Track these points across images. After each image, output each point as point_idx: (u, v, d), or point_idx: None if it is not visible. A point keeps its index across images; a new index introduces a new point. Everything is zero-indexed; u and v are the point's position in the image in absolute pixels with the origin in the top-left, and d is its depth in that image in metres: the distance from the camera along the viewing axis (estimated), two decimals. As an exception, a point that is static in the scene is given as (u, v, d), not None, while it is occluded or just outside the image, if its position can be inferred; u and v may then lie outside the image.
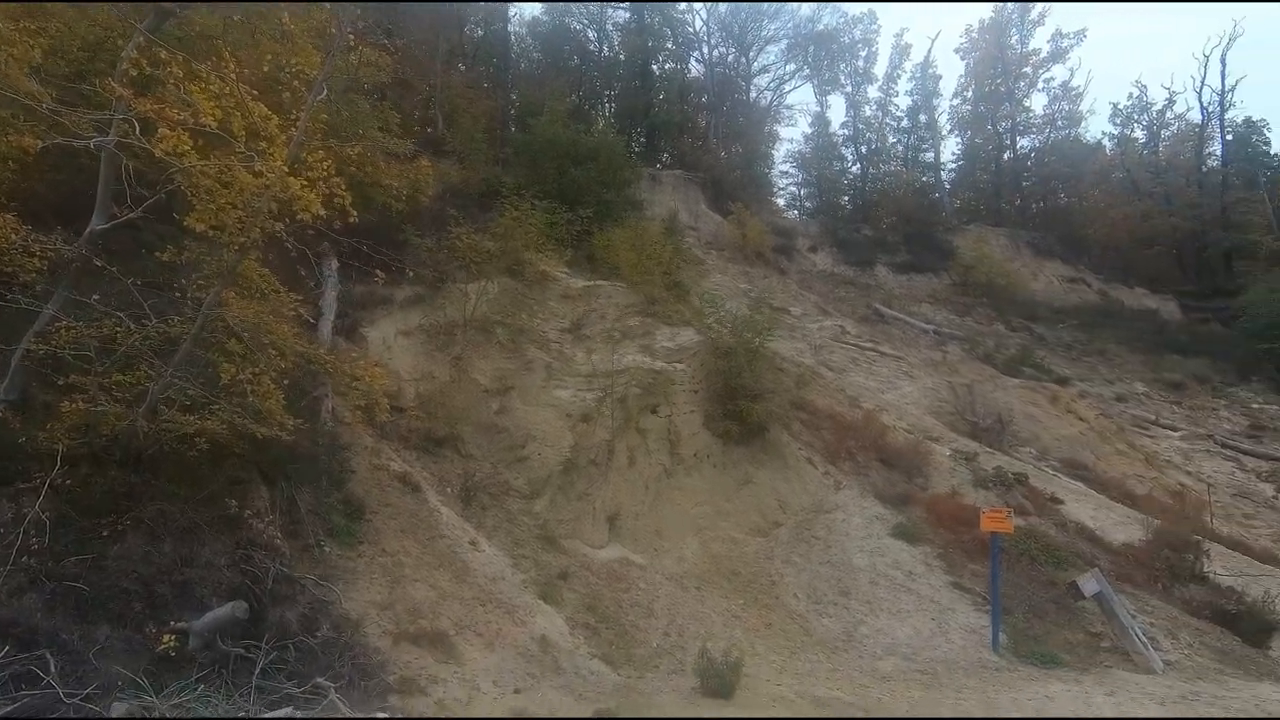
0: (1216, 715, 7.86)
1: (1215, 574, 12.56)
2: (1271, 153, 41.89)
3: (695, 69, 37.75)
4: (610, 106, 33.69)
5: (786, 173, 43.85)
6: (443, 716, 6.11)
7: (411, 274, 13.39)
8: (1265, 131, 41.50)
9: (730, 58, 39.20)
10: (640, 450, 11.94)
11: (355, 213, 7.92)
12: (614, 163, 20.21)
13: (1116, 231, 36.48)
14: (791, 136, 58.97)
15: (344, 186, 7.44)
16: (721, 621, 9.22)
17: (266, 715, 5.70)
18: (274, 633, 6.52)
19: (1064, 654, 9.62)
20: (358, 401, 8.96)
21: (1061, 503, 14.35)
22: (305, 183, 6.63)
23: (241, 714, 5.71)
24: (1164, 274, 36.06)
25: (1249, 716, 5.58)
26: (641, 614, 9.01)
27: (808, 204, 42.73)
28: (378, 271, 10.33)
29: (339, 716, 5.79)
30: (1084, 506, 14.61)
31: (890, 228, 35.47)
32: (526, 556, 9.43)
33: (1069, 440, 18.36)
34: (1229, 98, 37.75)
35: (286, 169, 6.55)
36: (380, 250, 10.59)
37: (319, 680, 6.18)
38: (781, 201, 41.66)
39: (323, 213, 6.90)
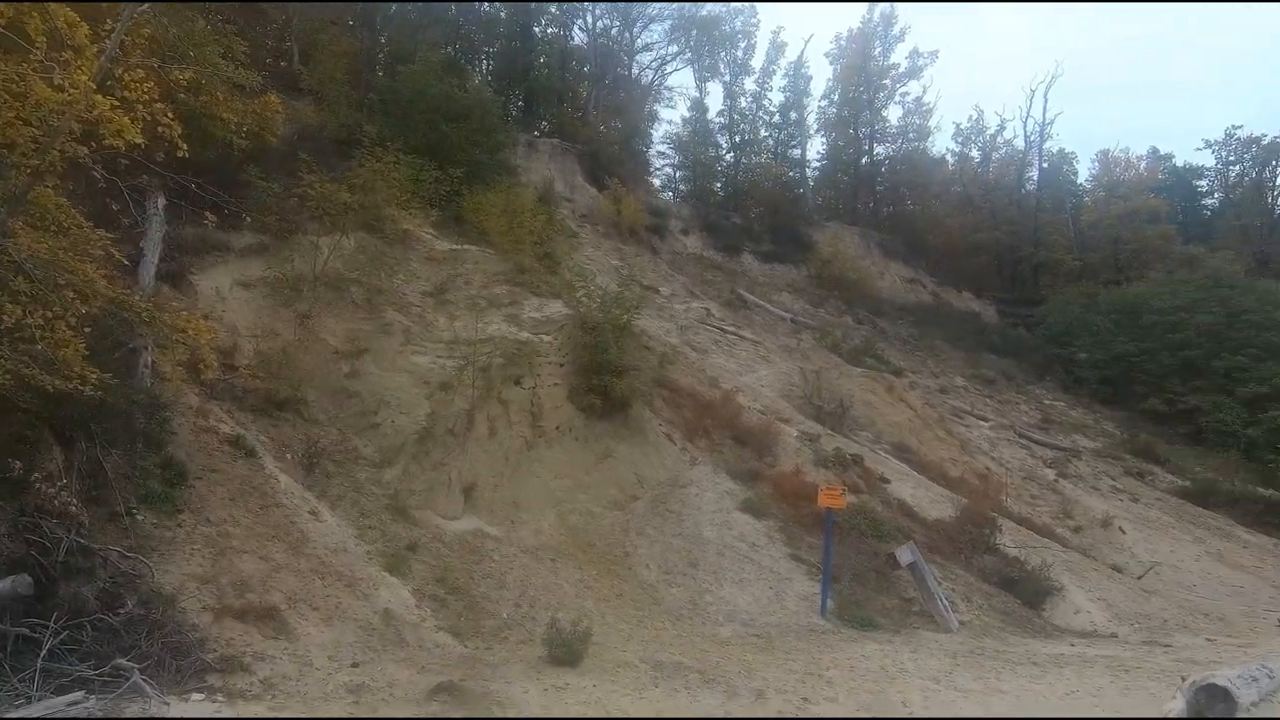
0: (1004, 668, 9.03)
1: (1004, 546, 14.37)
2: (1078, 182, 48.02)
3: (578, 37, 37.15)
4: (487, 65, 32.39)
5: (663, 154, 44.42)
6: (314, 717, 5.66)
7: (250, 220, 12.20)
8: (1074, 163, 47.51)
9: (615, 30, 38.89)
10: (501, 421, 11.72)
11: (186, 146, 7.09)
12: (489, 123, 19.48)
13: (951, 240, 40.37)
14: (670, 118, 59.58)
15: (172, 115, 6.61)
16: (574, 592, 9.31)
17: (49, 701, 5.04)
18: (65, 610, 5.78)
19: (880, 618, 10.63)
20: (181, 357, 8.07)
21: (889, 482, 15.78)
22: (118, 104, 5.78)
23: (21, 701, 5.02)
24: (987, 281, 40.36)
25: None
26: (493, 586, 8.90)
27: (682, 187, 43.55)
28: (207, 213, 9.30)
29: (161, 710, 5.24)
30: (906, 486, 16.16)
31: (758, 218, 36.99)
32: (373, 527, 9.00)
33: (899, 426, 20.18)
34: (1048, 130, 42.71)
35: (95, 86, 5.68)
36: (215, 191, 9.52)
37: (120, 661, 5.56)
38: (657, 182, 42.23)
39: (142, 141, 6.07)
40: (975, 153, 46.09)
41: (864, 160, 44.33)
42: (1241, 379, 28.32)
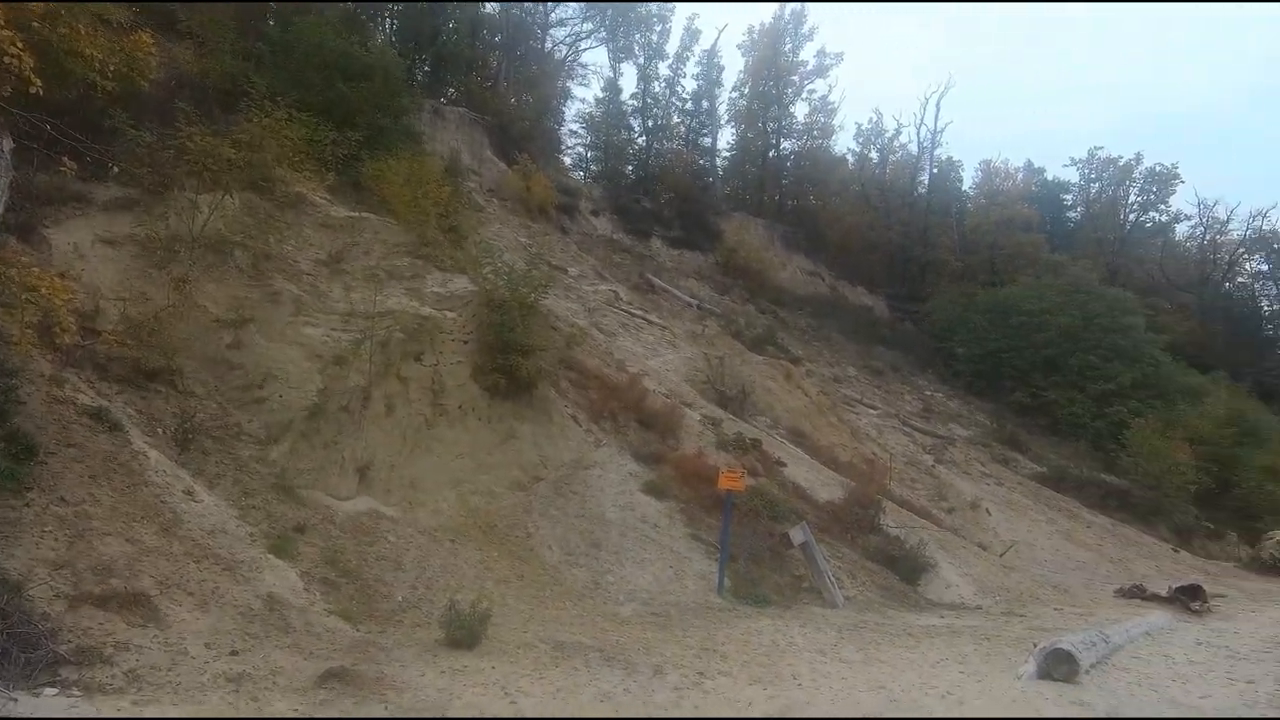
0: (883, 640, 9.63)
1: (887, 526, 15.34)
2: (963, 189, 51.35)
3: (491, 6, 35.90)
4: (392, 24, 30.72)
5: (575, 132, 43.86)
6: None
7: (117, 171, 11.05)
8: (960, 171, 50.78)
9: (528, 1, 37.87)
10: (400, 399, 11.26)
11: (39, 82, 6.31)
12: (392, 86, 18.49)
13: (849, 236, 42.26)
14: (584, 96, 58.98)
15: (22, 45, 5.84)
16: (474, 574, 9.13)
17: None
18: (-118, 601, 5.07)
19: (773, 595, 11.09)
20: (32, 319, 7.22)
21: (785, 465, 16.43)
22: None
23: None
24: (880, 277, 42.57)
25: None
26: (389, 568, 8.58)
27: (593, 167, 43.19)
28: (65, 160, 8.32)
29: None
30: (801, 469, 16.89)
31: (668, 203, 37.30)
32: (257, 508, 8.44)
33: (795, 412, 21.04)
34: (938, 137, 45.39)
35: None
36: (75, 136, 8.53)
37: (-49, 657, 4.94)
38: (568, 161, 41.66)
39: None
40: (874, 154, 48.35)
41: (771, 153, 45.54)
42: (1092, 376, 31.43)
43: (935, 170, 46.61)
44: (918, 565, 14.20)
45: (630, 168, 42.67)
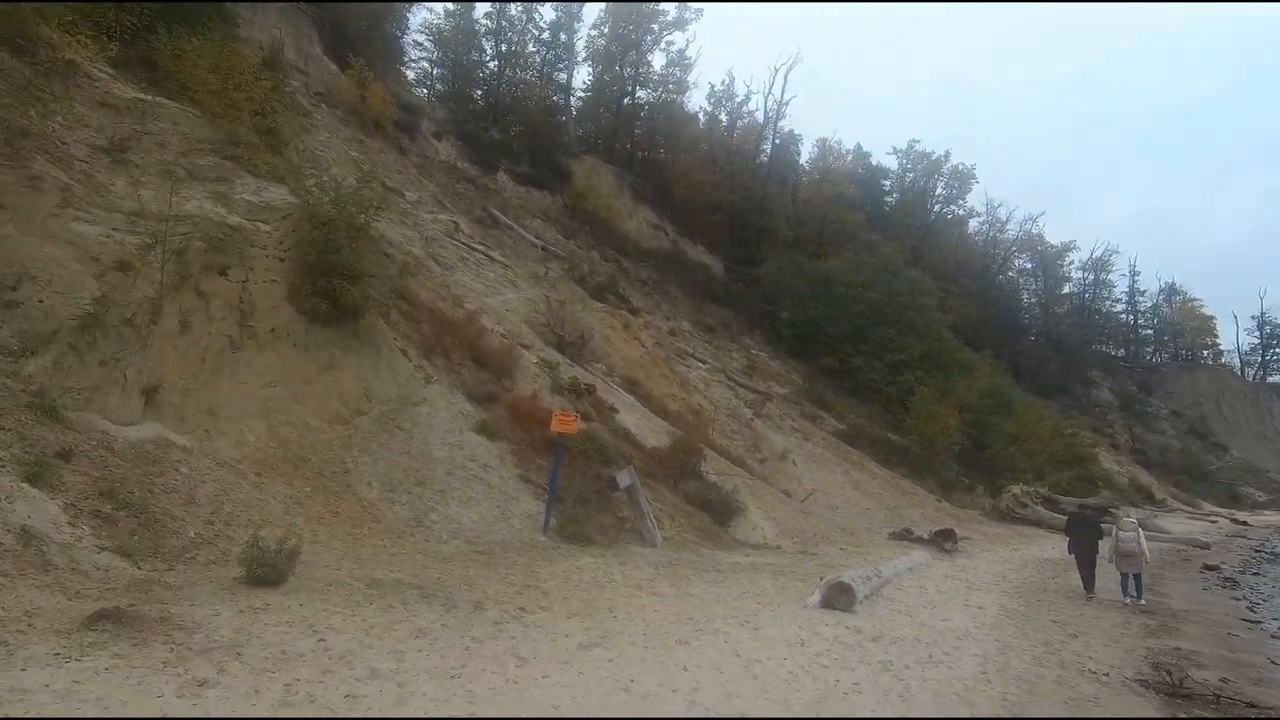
0: (695, 575, 10.31)
1: (707, 473, 16.34)
2: (800, 162, 54.47)
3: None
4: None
5: (420, 44, 40.56)
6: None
7: None
8: (799, 145, 53.78)
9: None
10: (199, 316, 9.97)
11: None
12: (203, -50, 15.83)
13: (694, 194, 43.44)
14: (432, 6, 54.41)
15: None
16: (282, 509, 8.45)
17: None
18: None
19: (597, 534, 11.44)
20: None
21: (617, 412, 16.84)
22: None
23: None
24: (719, 238, 44.35)
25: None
26: (179, 501, 7.68)
27: (438, 87, 40.36)
28: None
29: None
30: (632, 416, 17.42)
31: (518, 136, 35.91)
32: (7, 429, 7.13)
33: (631, 361, 21.55)
34: (783, 109, 47.60)
35: None
36: None
37: None
38: (411, 75, 38.51)
39: None
40: (724, 116, 49.72)
41: (626, 101, 45.22)
42: (890, 348, 35.30)
43: (778, 141, 48.98)
44: (730, 509, 15.33)
45: (479, 93, 40.43)
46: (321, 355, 11.19)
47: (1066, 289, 74.50)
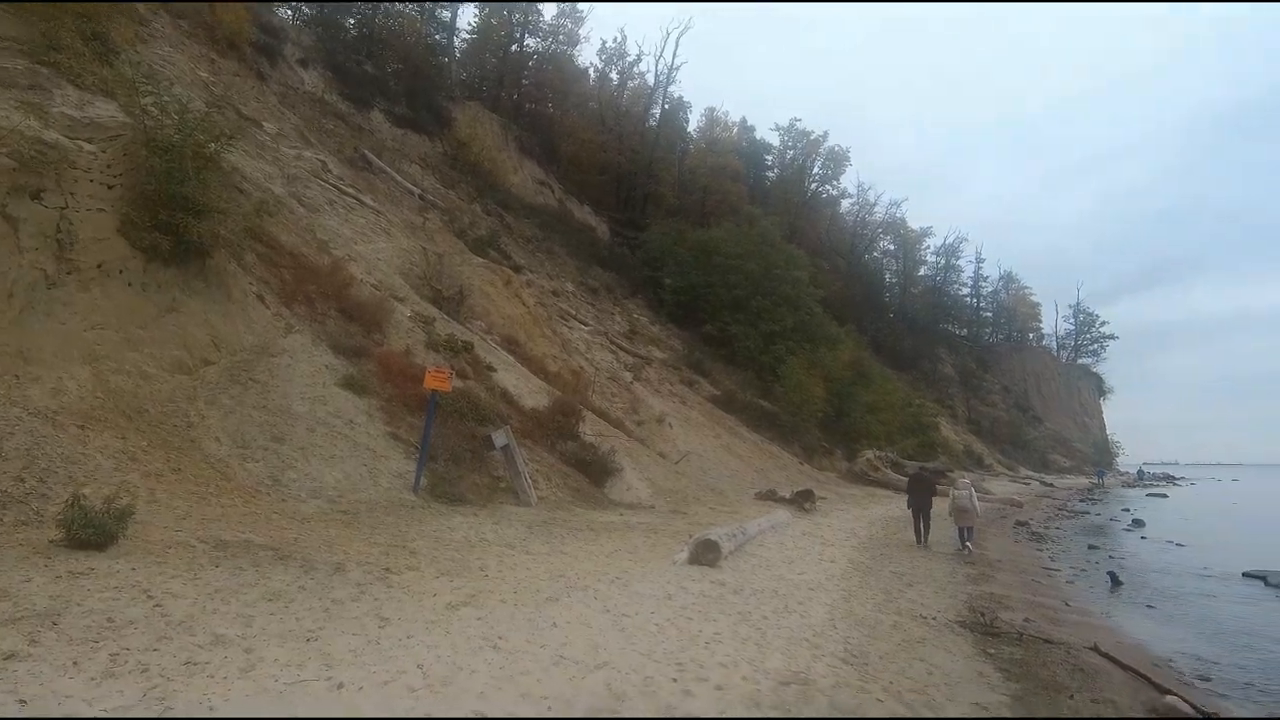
0: (568, 534, 10.38)
1: (585, 434, 16.42)
2: (688, 130, 54.88)
3: None
4: None
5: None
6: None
7: None
8: (687, 112, 54.11)
9: None
10: (6, 245, 8.62)
11: None
12: None
13: (582, 153, 42.79)
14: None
15: None
16: (112, 465, 7.58)
17: None
18: None
19: (471, 494, 11.22)
20: None
21: (495, 371, 16.47)
22: None
23: None
24: (606, 199, 44.11)
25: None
26: (-23, 457, 6.69)
27: (305, 10, 36.79)
28: None
29: None
30: (511, 376, 17.11)
31: (395, 74, 33.58)
32: None
33: (512, 320, 21.10)
34: (674, 74, 47.61)
35: None
36: None
37: None
38: (275, -7, 34.77)
39: None
40: (615, 75, 49.05)
41: (514, 48, 43.45)
42: (765, 318, 36.81)
43: (667, 106, 49.02)
44: (607, 470, 15.53)
45: (352, 21, 37.26)
46: (161, 297, 10.06)
47: (922, 271, 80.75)
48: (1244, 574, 15.05)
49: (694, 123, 55.84)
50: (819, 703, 4.90)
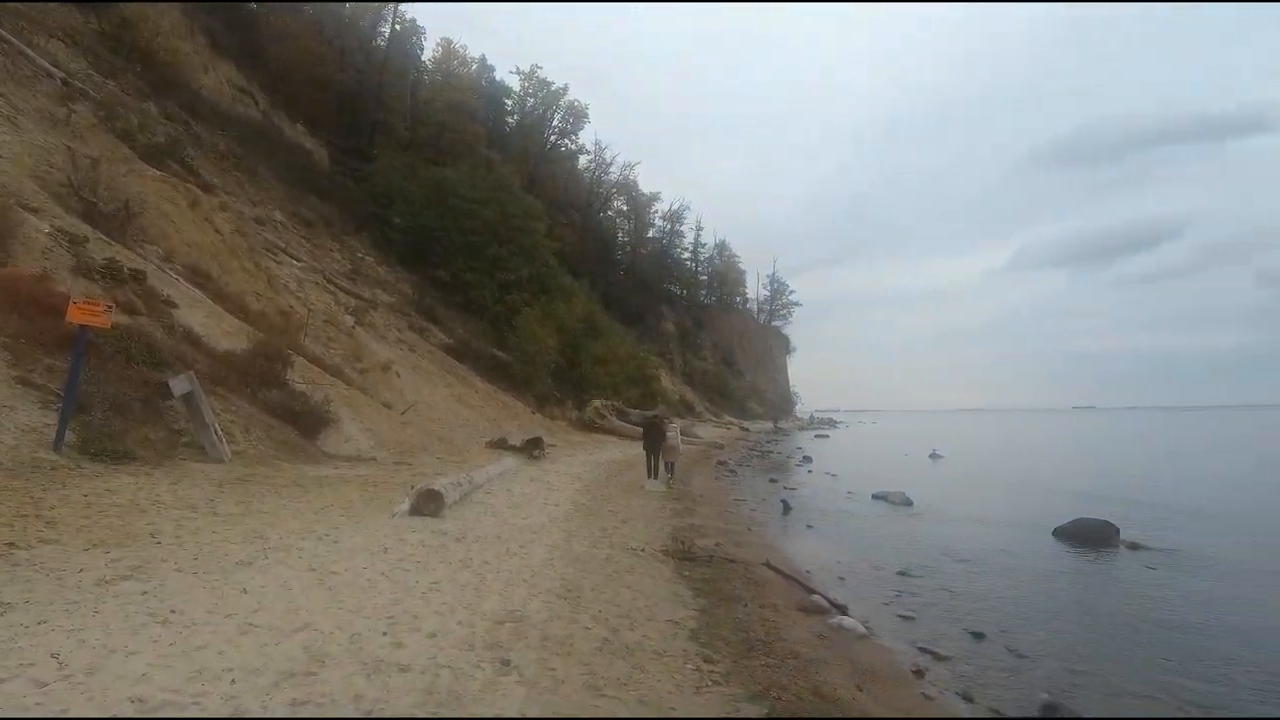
0: (269, 492, 9.28)
1: (294, 382, 14.77)
2: (423, 58, 51.05)
3: None
4: None
5: None
6: None
7: None
8: (423, 39, 50.20)
9: None
10: None
11: None
12: None
13: (296, 63, 37.37)
14: None
15: None
16: None
17: None
18: None
19: (141, 450, 9.42)
20: None
21: (176, 307, 13.93)
22: None
23: None
24: (326, 121, 39.27)
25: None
26: None
27: None
28: None
29: None
30: (199, 314, 14.62)
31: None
32: None
33: (200, 248, 17.93)
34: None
35: None
36: None
37: None
38: None
39: None
40: (338, -20, 43.47)
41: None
42: (502, 267, 36.34)
43: (399, 27, 44.97)
44: (320, 420, 14.20)
45: None
46: None
47: (651, 233, 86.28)
48: (873, 496, 18.99)
49: (429, 51, 52.09)
50: (531, 636, 5.07)
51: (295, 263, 24.51)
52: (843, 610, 7.79)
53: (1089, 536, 13.28)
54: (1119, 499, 18.73)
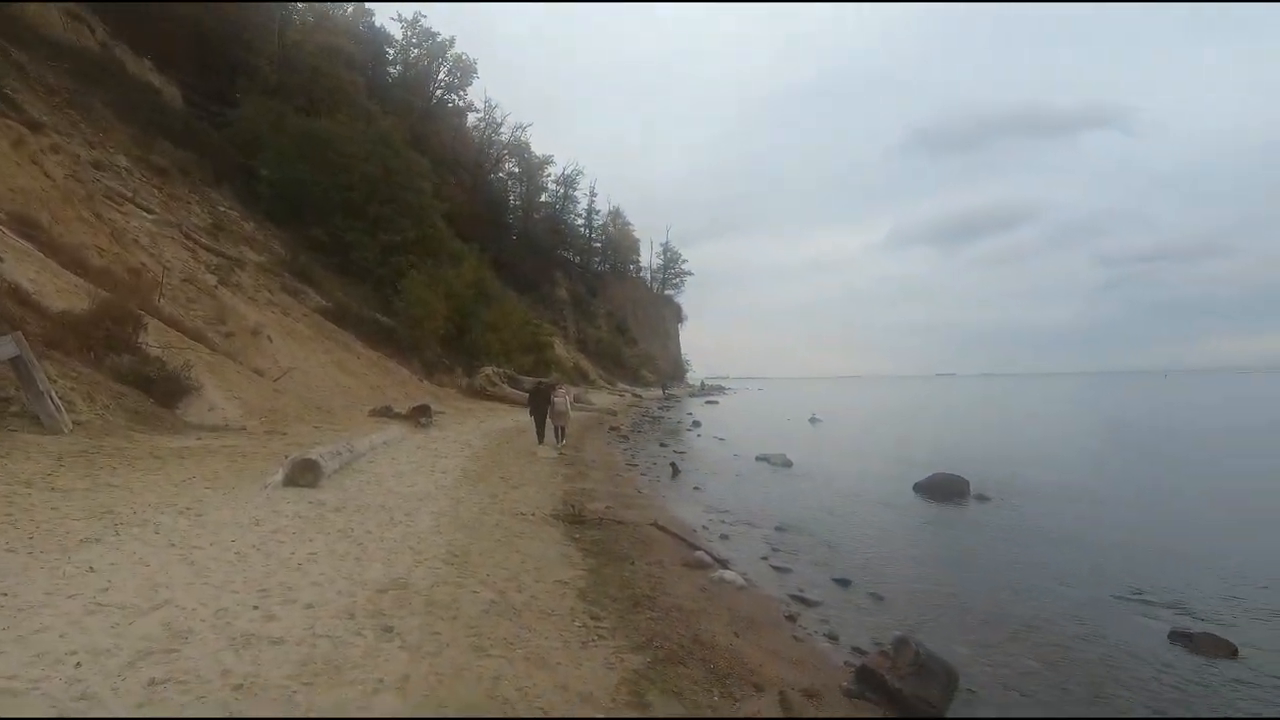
0: (120, 464, 8.49)
1: (148, 346, 13.50)
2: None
3: None
4: None
5: None
6: None
7: None
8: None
9: None
10: None
11: None
12: None
13: (142, -8, 33.25)
14: None
15: None
16: None
17: None
18: None
19: (-43, 422, 8.35)
20: None
21: (1, 260, 12.30)
22: None
23: None
24: (177, 59, 35.27)
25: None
26: None
27: None
28: None
29: None
30: (28, 268, 13.01)
31: None
32: None
33: (27, 194, 15.85)
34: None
35: None
36: None
37: None
38: None
39: None
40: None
41: None
42: (385, 228, 34.48)
43: (267, -41, 40.95)
44: (179, 388, 13.10)
45: None
46: None
47: (543, 198, 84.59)
48: (756, 458, 19.92)
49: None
50: (416, 603, 4.99)
51: (146, 215, 22.16)
52: (724, 564, 8.19)
53: (944, 490, 14.61)
54: (971, 458, 20.69)
